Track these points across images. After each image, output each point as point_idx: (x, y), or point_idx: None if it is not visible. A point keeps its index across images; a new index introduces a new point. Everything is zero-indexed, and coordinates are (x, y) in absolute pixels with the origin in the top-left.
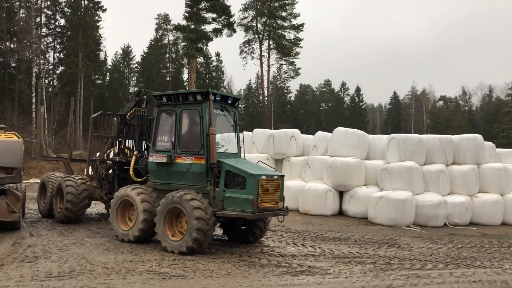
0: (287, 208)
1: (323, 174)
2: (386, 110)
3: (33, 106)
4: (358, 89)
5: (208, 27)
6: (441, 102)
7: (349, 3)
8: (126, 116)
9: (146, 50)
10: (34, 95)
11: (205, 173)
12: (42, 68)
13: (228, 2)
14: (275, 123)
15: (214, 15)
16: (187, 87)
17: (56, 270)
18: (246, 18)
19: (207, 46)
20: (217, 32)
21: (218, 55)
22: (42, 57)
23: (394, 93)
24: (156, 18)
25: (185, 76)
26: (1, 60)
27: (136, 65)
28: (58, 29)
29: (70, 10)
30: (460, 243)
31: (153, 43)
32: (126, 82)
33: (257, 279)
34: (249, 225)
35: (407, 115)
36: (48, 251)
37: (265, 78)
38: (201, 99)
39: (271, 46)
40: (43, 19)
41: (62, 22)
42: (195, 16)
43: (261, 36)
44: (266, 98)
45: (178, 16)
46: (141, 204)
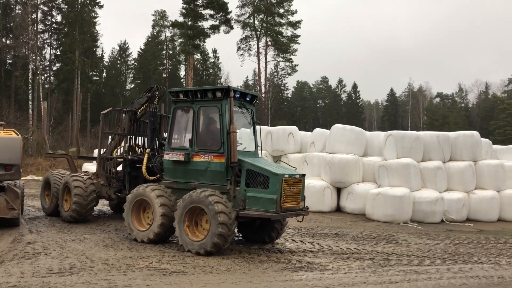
0: (308, 208)
1: (321, 171)
2: (383, 107)
3: (30, 103)
4: (355, 86)
5: (205, 24)
6: (437, 99)
7: None
8: (137, 112)
9: (143, 47)
10: (30, 91)
11: (225, 172)
12: (39, 64)
13: None
14: (272, 120)
15: (211, 12)
16: (184, 84)
17: (56, 266)
18: (243, 14)
19: (204, 42)
20: (214, 28)
21: (215, 51)
22: (38, 53)
23: (391, 90)
24: (153, 15)
25: (182, 72)
26: None
27: (133, 61)
28: (54, 26)
29: (66, 7)
30: (457, 239)
31: (150, 39)
32: (123, 79)
33: (256, 275)
34: (266, 226)
35: (404, 112)
36: (48, 248)
37: (262, 75)
38: (221, 96)
39: (269, 43)
40: (40, 15)
41: (59, 18)
42: (192, 12)
43: (258, 33)
44: (263, 95)
45: (175, 13)
46: (159, 204)
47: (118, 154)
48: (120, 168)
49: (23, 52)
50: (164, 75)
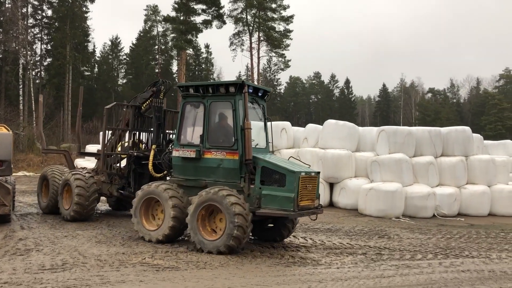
0: (322, 206)
1: (314, 166)
2: (375, 102)
3: (20, 98)
4: (347, 82)
5: (198, 19)
6: (429, 95)
7: None
8: (142, 107)
9: (135, 42)
10: (21, 87)
11: (238, 169)
12: (29, 59)
13: None
14: None
15: (203, 7)
16: (177, 79)
17: (49, 262)
18: (236, 9)
19: (197, 37)
20: (206, 23)
21: (207, 46)
22: (29, 48)
23: (383, 85)
24: (145, 9)
25: (175, 68)
26: None
27: (124, 56)
28: (45, 20)
29: (57, 1)
30: (449, 234)
31: (142, 34)
32: (115, 74)
33: (249, 270)
34: (277, 225)
35: (396, 107)
36: (40, 244)
37: (255, 70)
38: (234, 91)
39: (261, 38)
40: (30, 10)
41: (49, 12)
42: (184, 7)
43: (251, 28)
44: None
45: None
46: (170, 202)
47: (118, 150)
48: (122, 165)
49: (13, 47)
50: (157, 70)
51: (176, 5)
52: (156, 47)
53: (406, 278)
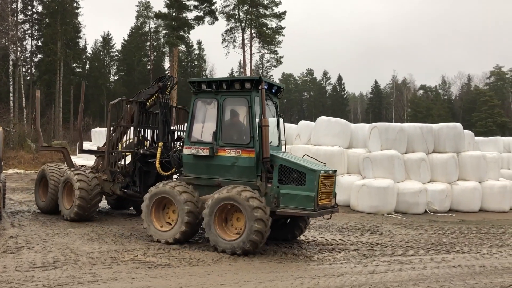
0: (337, 205)
1: None
2: (367, 99)
3: (11, 95)
4: (340, 78)
5: (190, 15)
6: (421, 91)
7: None
8: (147, 103)
9: (126, 38)
10: (11, 83)
11: (254, 167)
12: (19, 55)
13: None
14: None
15: (195, 3)
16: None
17: (40, 260)
18: (228, 6)
19: (189, 34)
20: (198, 20)
21: (200, 43)
22: (19, 44)
23: (375, 82)
24: (137, 6)
25: (167, 64)
26: None
27: (116, 53)
28: (35, 16)
29: None
30: (440, 230)
31: (133, 31)
32: (107, 71)
33: (242, 266)
34: (289, 224)
35: (388, 104)
36: (31, 242)
37: (247, 66)
38: (250, 87)
39: (253, 35)
40: (20, 5)
41: (40, 8)
42: (176, 3)
43: (243, 24)
44: None
45: (159, 4)
46: (184, 202)
47: (122, 147)
48: (123, 163)
49: (3, 43)
50: (149, 67)
51: (168, 1)
52: (148, 43)
53: (398, 273)
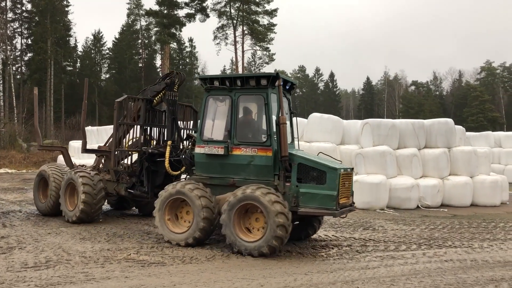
0: (354, 203)
1: None
2: (359, 96)
3: (1, 94)
4: (332, 75)
5: (181, 12)
6: (413, 87)
7: None
8: (154, 101)
9: (117, 36)
10: (1, 82)
11: (272, 166)
12: (9, 54)
13: None
14: None
15: (186, 0)
16: (161, 74)
17: (32, 260)
18: (219, 3)
19: (180, 31)
20: (190, 17)
21: (191, 40)
22: (8, 43)
23: (367, 78)
24: (128, 3)
25: (158, 62)
26: None
27: (107, 51)
28: (25, 14)
29: None
30: (432, 225)
31: (124, 28)
32: (98, 69)
33: (236, 264)
34: (303, 223)
35: (380, 100)
36: (23, 242)
37: (239, 64)
38: (266, 84)
39: (245, 32)
40: (9, 3)
41: (29, 6)
42: (167, 1)
43: (235, 21)
44: None
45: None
46: (200, 203)
47: (123, 146)
48: (128, 162)
49: None
50: (140, 65)
51: None
52: (139, 41)
53: (390, 269)
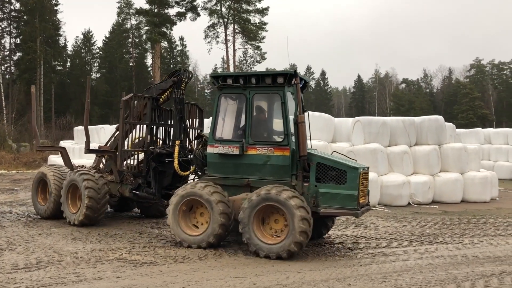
0: (369, 203)
1: None
2: (350, 94)
3: None
4: (323, 73)
5: (172, 11)
6: (403, 85)
7: None
8: (160, 99)
9: (108, 35)
10: None
11: (289, 166)
12: None
13: None
14: None
15: None
16: (151, 73)
17: (22, 261)
18: (210, 1)
19: (171, 30)
20: (180, 16)
21: (182, 39)
22: None
23: (358, 76)
24: (118, 2)
25: (149, 61)
26: None
27: (98, 50)
28: (13, 13)
29: None
30: (423, 221)
31: (115, 27)
32: (88, 68)
33: (228, 262)
34: (317, 222)
35: (371, 98)
36: (13, 243)
37: (231, 62)
38: (283, 82)
39: (236, 30)
40: None
41: (18, 5)
42: None
43: (226, 20)
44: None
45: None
46: (217, 204)
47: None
48: (133, 163)
49: None
50: (131, 64)
51: None
52: (130, 40)
53: (382, 265)
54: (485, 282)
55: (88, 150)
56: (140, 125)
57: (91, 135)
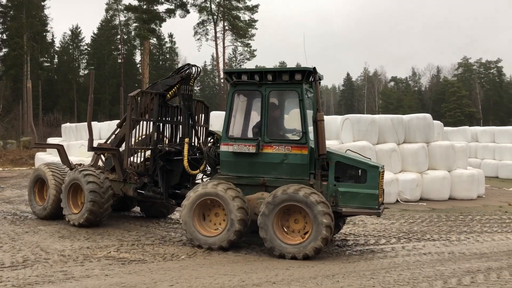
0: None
1: None
2: (339, 92)
3: None
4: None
5: (161, 8)
6: (392, 83)
7: None
8: (167, 95)
9: (96, 32)
10: None
11: (307, 164)
12: None
13: None
14: None
15: None
16: (140, 69)
17: (8, 260)
18: None
19: (160, 27)
20: (170, 12)
21: (171, 36)
22: None
23: (347, 74)
24: None
25: (138, 58)
26: None
27: (86, 47)
28: None
29: None
30: (411, 218)
31: (103, 24)
32: (76, 65)
33: (217, 260)
34: None
35: (360, 96)
36: None
37: (220, 59)
38: (301, 79)
39: (226, 28)
40: None
41: (4, 0)
42: None
43: (215, 17)
44: (222, 80)
45: None
46: (235, 204)
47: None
48: (138, 161)
49: None
50: (119, 61)
51: None
52: (119, 36)
53: (370, 262)
54: (471, 278)
55: (91, 148)
56: (143, 122)
57: (79, 132)
